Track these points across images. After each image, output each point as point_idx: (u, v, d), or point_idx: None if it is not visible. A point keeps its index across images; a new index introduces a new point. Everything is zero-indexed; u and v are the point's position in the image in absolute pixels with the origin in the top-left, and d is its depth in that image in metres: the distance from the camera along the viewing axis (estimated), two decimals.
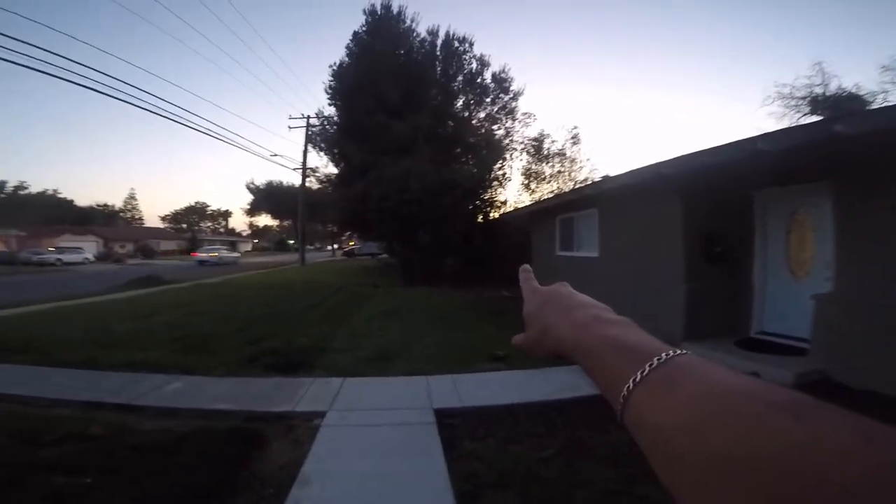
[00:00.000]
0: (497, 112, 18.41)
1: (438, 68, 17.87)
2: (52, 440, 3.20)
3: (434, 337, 7.51)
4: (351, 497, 2.79)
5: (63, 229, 43.09)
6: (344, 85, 17.95)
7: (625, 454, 3.31)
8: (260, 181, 52.62)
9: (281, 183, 49.31)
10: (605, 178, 8.73)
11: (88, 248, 42.10)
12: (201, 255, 37.29)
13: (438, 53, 17.84)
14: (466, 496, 2.80)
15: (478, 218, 18.18)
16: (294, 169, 29.59)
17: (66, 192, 44.48)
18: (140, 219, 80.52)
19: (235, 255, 41.93)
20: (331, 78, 18.54)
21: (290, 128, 28.71)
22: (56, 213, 36.66)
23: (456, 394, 4.66)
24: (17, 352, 5.94)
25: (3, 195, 31.14)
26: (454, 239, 16.81)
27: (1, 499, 2.44)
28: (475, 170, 17.04)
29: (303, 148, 27.92)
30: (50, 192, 34.96)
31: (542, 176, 20.72)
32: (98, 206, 71.27)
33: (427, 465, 3.15)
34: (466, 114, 18.29)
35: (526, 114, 18.98)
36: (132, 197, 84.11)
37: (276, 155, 28.26)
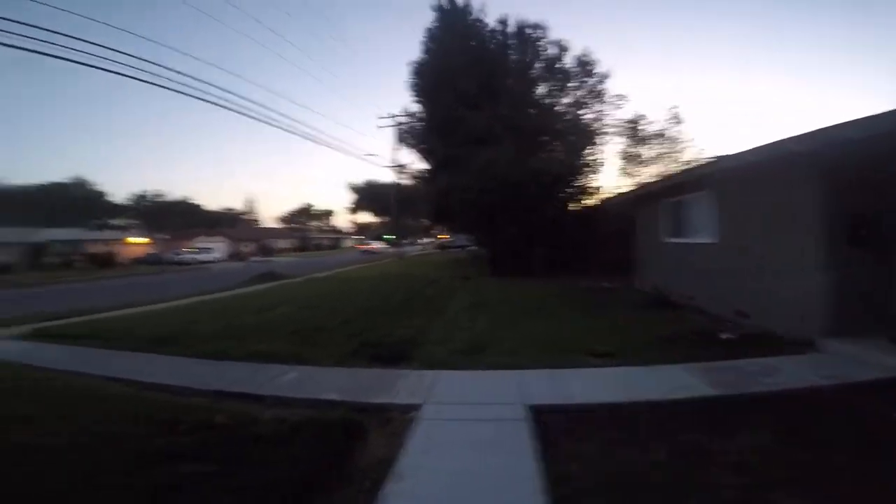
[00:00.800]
0: (584, 96, 17.63)
1: (513, 57, 17.54)
2: (186, 428, 3.64)
3: (526, 329, 7.40)
4: (442, 493, 2.83)
5: (197, 232, 49.63)
6: (424, 81, 18.40)
7: (757, 461, 2.94)
8: (360, 181, 55.90)
9: (378, 181, 51.90)
10: (723, 158, 7.82)
11: (218, 248, 48.11)
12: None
13: (510, 42, 17.55)
14: (562, 500, 2.70)
15: (569, 206, 17.56)
16: (387, 167, 30.82)
17: (197, 199, 51.96)
18: (258, 220, 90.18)
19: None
20: (412, 75, 19.01)
21: (379, 127, 29.95)
22: (191, 218, 42.31)
23: (553, 389, 4.53)
24: (164, 343, 6.91)
25: (148, 203, 36.60)
26: (544, 228, 16.42)
27: (140, 484, 2.78)
28: (564, 157, 16.48)
29: (394, 146, 29.08)
30: (186, 199, 40.50)
31: (641, 159, 19.48)
32: (224, 210, 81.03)
33: (519, 465, 3.09)
34: (549, 101, 17.75)
35: (617, 96, 17.88)
36: (252, 200, 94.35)
37: (370, 154, 29.75)
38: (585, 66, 17.32)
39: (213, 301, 12.62)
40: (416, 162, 23.51)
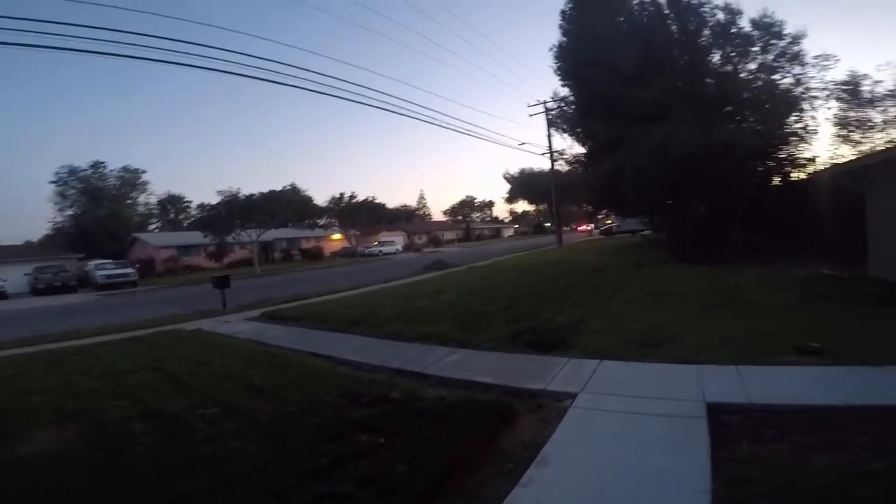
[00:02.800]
0: (774, 60, 14.98)
1: (673, 27, 15.86)
2: (367, 401, 4.26)
3: (715, 322, 6.50)
4: (586, 485, 2.75)
5: (380, 227, 56.38)
6: (569, 64, 17.72)
7: None
8: (514, 170, 56.21)
9: (533, 169, 51.44)
10: None
11: (398, 241, 54.04)
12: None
13: (667, 12, 15.85)
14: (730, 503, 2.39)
15: (773, 180, 14.89)
16: (542, 154, 30.48)
17: (379, 198, 59.43)
18: (429, 215, 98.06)
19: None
20: (554, 60, 18.44)
21: (530, 115, 29.57)
22: (375, 216, 48.29)
23: (741, 388, 3.99)
24: (354, 324, 8.11)
25: (343, 205, 42.96)
26: (740, 207, 14.20)
27: (326, 450, 3.30)
28: (759, 127, 14.04)
29: (546, 132, 28.49)
30: (371, 199, 46.47)
31: (870, 123, 15.56)
32: (401, 206, 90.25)
33: (684, 463, 2.85)
34: (729, 68, 15.53)
35: (821, 56, 14.68)
36: (422, 197, 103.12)
37: (524, 143, 29.83)
38: (769, 28, 14.88)
39: (393, 288, 14.26)
40: (571, 147, 22.69)
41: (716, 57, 15.76)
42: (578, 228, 46.96)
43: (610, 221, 46.66)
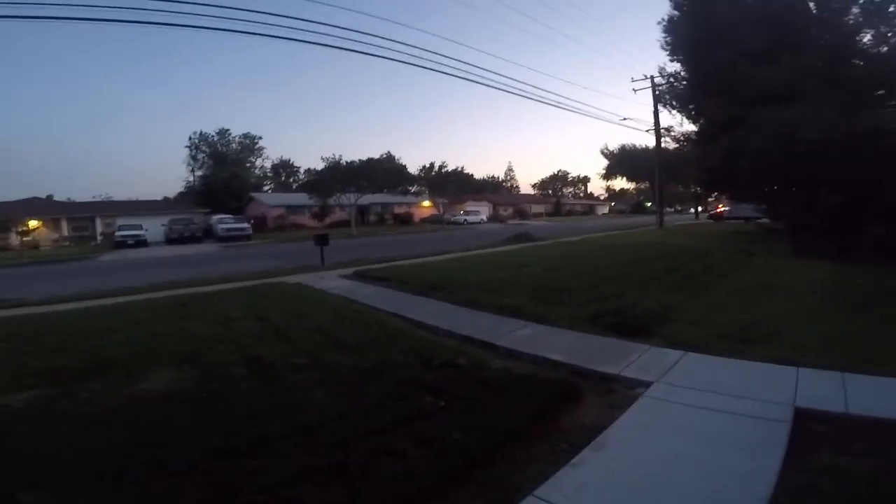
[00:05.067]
0: None
1: (811, 3, 13.92)
2: (437, 364, 4.45)
3: (830, 323, 5.75)
4: (641, 473, 2.66)
5: (467, 197, 56.49)
6: (682, 39, 16.34)
7: None
8: (613, 146, 52.60)
9: (634, 146, 47.83)
10: None
11: (483, 211, 54.03)
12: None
13: None
14: None
15: None
16: (646, 130, 28.65)
17: (468, 168, 59.58)
18: (517, 187, 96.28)
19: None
20: (664, 34, 17.05)
21: (634, 90, 27.40)
22: (462, 185, 48.49)
23: (840, 396, 3.58)
24: (434, 289, 8.38)
25: (434, 173, 43.69)
26: (883, 200, 12.25)
27: (392, 408, 3.52)
28: None
29: (652, 108, 26.58)
30: (459, 168, 46.65)
31: None
32: (488, 177, 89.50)
33: (751, 465, 2.64)
34: (884, 48, 13.16)
35: None
36: (510, 169, 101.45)
37: (625, 119, 28.32)
38: None
39: (475, 256, 14.41)
40: (681, 124, 20.84)
41: (867, 37, 13.71)
42: (717, 209, 41.95)
43: (722, 206, 42.22)
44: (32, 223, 33.36)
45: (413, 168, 45.53)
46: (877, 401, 3.44)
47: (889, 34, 13.28)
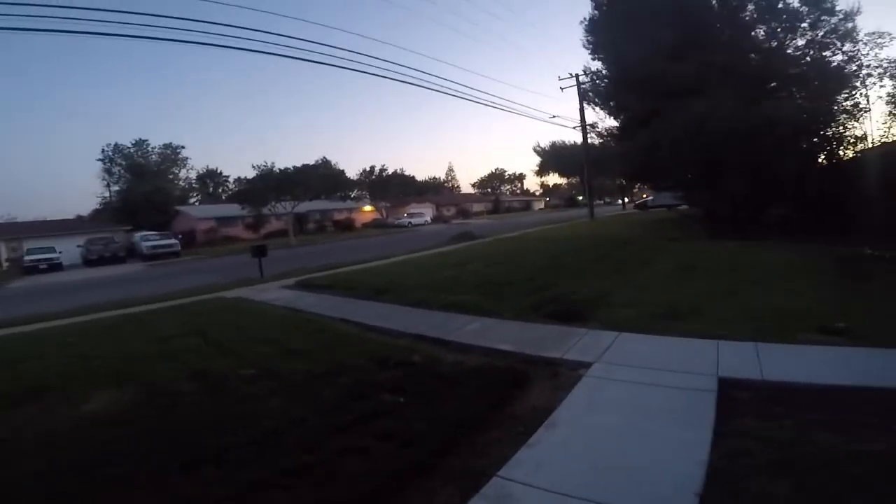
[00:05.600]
0: (824, 37, 14.45)
1: (713, 1, 15.49)
2: (392, 363, 4.55)
3: (742, 298, 6.42)
4: (591, 447, 2.91)
5: (410, 199, 56.61)
6: (602, 38, 17.36)
7: None
8: (545, 143, 54.94)
9: (564, 142, 50.25)
10: None
11: (427, 212, 54.22)
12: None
13: None
14: (722, 474, 2.53)
15: (818, 158, 14.45)
16: (574, 127, 30.10)
17: (409, 171, 59.74)
18: (458, 187, 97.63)
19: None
20: (586, 34, 18.09)
21: (561, 89, 28.86)
22: (405, 188, 48.56)
23: (756, 365, 4.02)
24: (381, 293, 8.42)
25: (374, 177, 43.36)
26: (782, 184, 13.81)
27: (352, 408, 3.60)
28: (806, 104, 13.62)
29: (578, 106, 28.02)
30: (400, 171, 46.77)
31: None
32: (430, 179, 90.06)
33: (686, 433, 2.97)
34: (774, 43, 15.02)
35: (874, 34, 14.12)
36: (451, 169, 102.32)
37: (554, 116, 29.40)
38: (819, 3, 14.30)
39: (420, 258, 14.54)
40: (604, 120, 22.24)
41: (760, 32, 15.29)
42: (642, 199, 44.63)
43: (645, 196, 45.29)
44: None
45: (352, 173, 44.93)
46: (786, 367, 3.89)
47: (778, 29, 14.88)
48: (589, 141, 29.59)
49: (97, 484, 2.68)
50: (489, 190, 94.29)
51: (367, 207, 49.78)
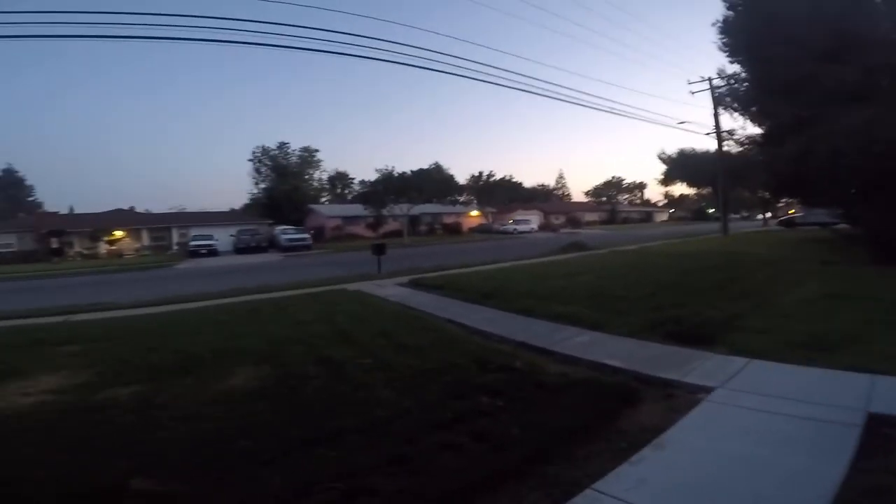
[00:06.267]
0: None
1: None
2: (492, 368, 4.61)
3: None
4: (701, 471, 2.68)
5: (517, 206, 56.30)
6: (740, 40, 15.78)
7: None
8: (671, 150, 50.39)
9: (693, 150, 45.53)
10: None
11: (533, 220, 53.52)
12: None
13: None
14: None
15: None
16: (706, 134, 27.34)
17: (517, 177, 58.89)
18: (568, 195, 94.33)
19: None
20: (720, 35, 16.61)
21: (692, 93, 26.31)
22: (511, 194, 48.42)
23: None
24: (488, 297, 8.55)
25: (482, 183, 43.97)
26: None
27: (452, 406, 3.72)
28: None
29: (712, 111, 25.38)
30: (508, 177, 46.75)
31: None
32: (538, 185, 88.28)
33: (815, 466, 2.62)
34: None
35: None
36: (561, 177, 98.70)
37: (683, 122, 26.94)
38: None
39: (528, 265, 14.41)
40: (743, 126, 19.96)
41: None
42: (789, 215, 38.88)
43: (793, 211, 39.37)
44: (118, 233, 36.83)
45: (461, 178, 46.00)
46: None
47: None
48: (725, 149, 26.68)
49: (231, 454, 3.11)
50: (604, 199, 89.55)
51: (474, 212, 50.58)
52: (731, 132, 24.84)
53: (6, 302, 11.86)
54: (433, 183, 39.79)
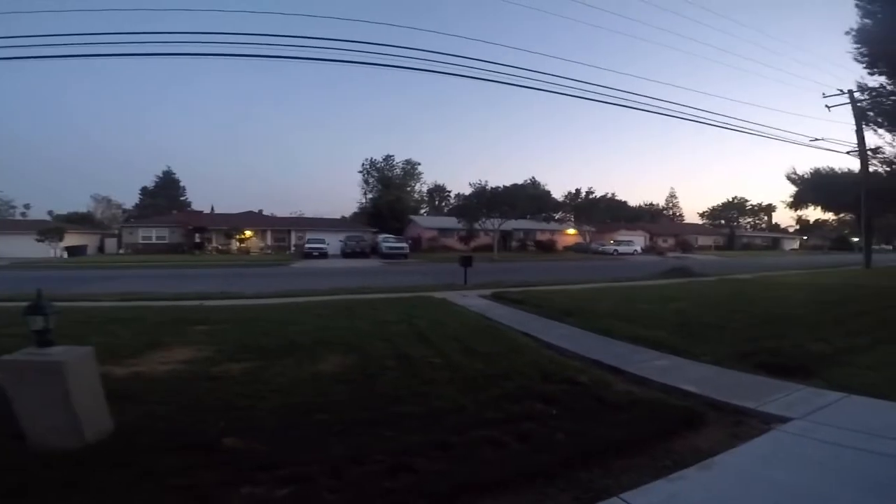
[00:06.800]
0: None
1: None
2: (556, 379, 4.67)
3: None
4: (737, 497, 2.56)
5: (619, 225, 53.55)
6: (883, 49, 14.28)
7: None
8: (803, 170, 44.20)
9: (832, 169, 39.43)
10: None
11: (637, 241, 50.48)
12: None
13: None
14: None
15: None
16: (847, 152, 23.76)
17: (620, 195, 55.70)
18: (680, 215, 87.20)
19: None
20: (856, 45, 15.17)
21: (828, 107, 22.90)
22: (614, 213, 46.18)
23: None
24: (568, 314, 8.48)
25: (580, 200, 42.61)
26: None
27: (505, 408, 3.90)
28: None
29: (854, 127, 22.07)
30: (609, 195, 44.73)
31: None
32: (645, 205, 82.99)
33: None
34: None
35: None
36: (672, 195, 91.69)
37: (816, 139, 23.56)
38: None
39: (621, 288, 13.83)
40: (892, 143, 17.28)
41: None
42: None
43: None
44: (247, 233, 42.20)
45: (558, 194, 44.95)
46: None
47: None
48: (871, 169, 23.02)
49: (308, 425, 3.60)
50: (722, 221, 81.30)
51: (571, 230, 49.04)
52: (876, 150, 21.47)
53: (159, 285, 14.52)
54: (526, 198, 39.54)
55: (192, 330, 7.22)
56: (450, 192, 75.61)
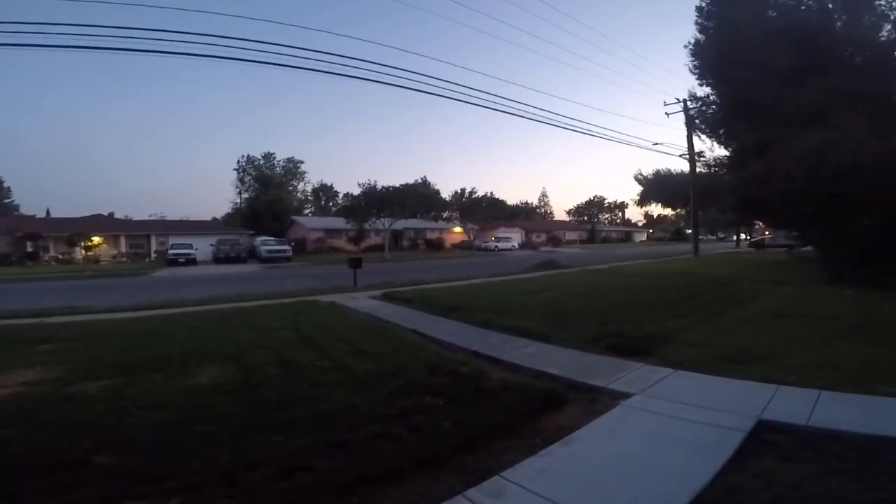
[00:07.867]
0: None
1: (838, 23, 14.18)
2: (441, 372, 5.05)
3: (831, 348, 5.93)
4: (596, 465, 3.12)
5: (499, 223, 57.03)
6: (709, 62, 16.49)
7: None
8: (647, 171, 52.12)
9: (669, 171, 47.16)
10: None
11: (515, 237, 54.33)
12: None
13: (831, 6, 14.27)
14: None
15: None
16: (680, 155, 28.45)
17: (499, 194, 60.05)
18: (551, 213, 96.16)
19: None
20: (691, 58, 17.30)
21: (667, 114, 27.33)
22: (494, 211, 49.14)
23: (808, 411, 3.85)
24: (452, 310, 8.99)
25: (464, 200, 44.66)
26: None
27: (396, 403, 4.14)
28: None
29: (686, 133, 26.47)
30: (489, 194, 47.50)
31: None
32: (521, 203, 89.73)
33: (694, 466, 3.03)
34: None
35: None
36: (544, 195, 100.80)
37: (657, 143, 27.91)
38: None
39: (498, 282, 14.93)
40: (712, 148, 20.89)
41: None
42: (761, 237, 40.19)
43: (767, 233, 40.96)
44: (96, 239, 36.29)
45: (446, 193, 46.53)
46: (842, 415, 3.70)
47: None
48: (697, 170, 27.74)
49: (188, 437, 3.47)
50: (585, 218, 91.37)
51: (457, 229, 51.16)
52: (700, 154, 25.86)
53: None
54: (416, 198, 40.26)
55: (34, 350, 6.31)
56: (337, 192, 73.55)
